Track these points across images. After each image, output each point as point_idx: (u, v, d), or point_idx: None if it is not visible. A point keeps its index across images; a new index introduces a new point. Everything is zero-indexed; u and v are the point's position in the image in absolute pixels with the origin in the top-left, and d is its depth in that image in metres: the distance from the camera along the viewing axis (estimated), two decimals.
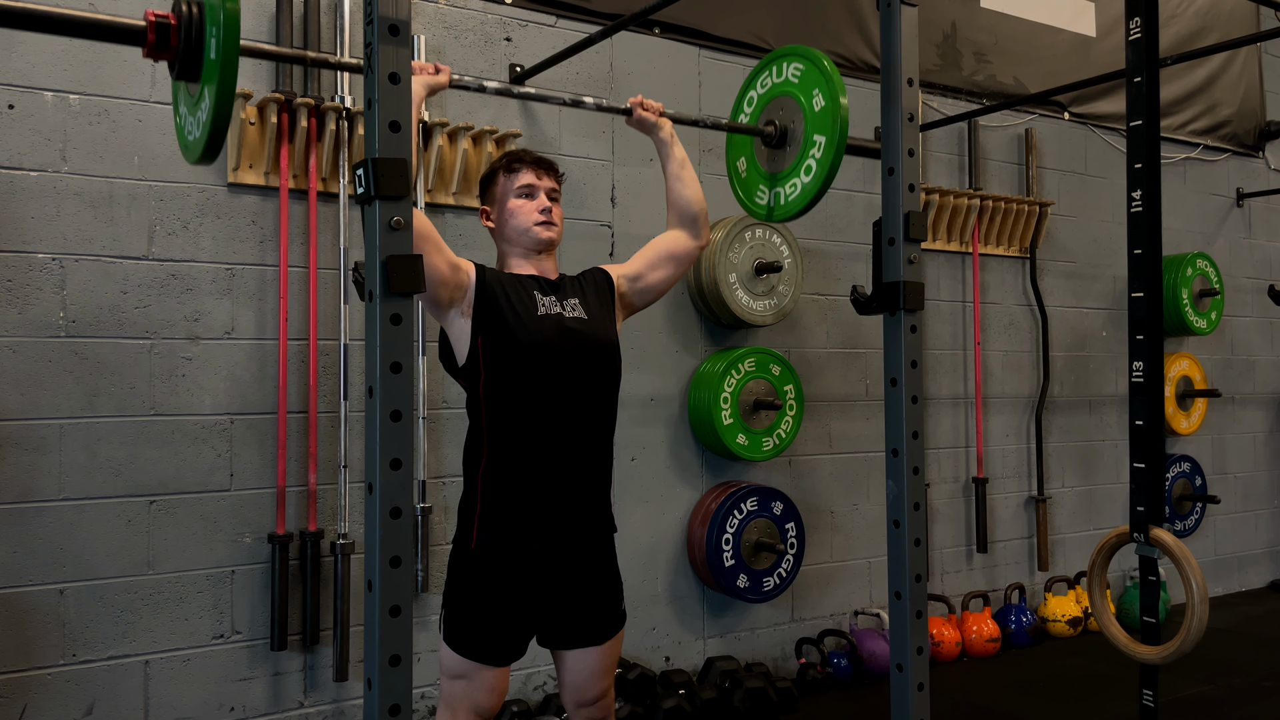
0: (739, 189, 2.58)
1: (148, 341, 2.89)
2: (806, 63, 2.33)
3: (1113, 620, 2.59)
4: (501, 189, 2.24)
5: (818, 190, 2.28)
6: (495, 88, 2.33)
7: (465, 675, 2.07)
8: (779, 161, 2.41)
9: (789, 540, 3.79)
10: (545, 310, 2.13)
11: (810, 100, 2.30)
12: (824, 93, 2.27)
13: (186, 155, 1.79)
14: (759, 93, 2.49)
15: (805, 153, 2.32)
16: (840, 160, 2.24)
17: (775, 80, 2.43)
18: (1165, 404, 4.28)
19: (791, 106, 2.36)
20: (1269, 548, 5.73)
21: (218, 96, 1.61)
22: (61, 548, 2.76)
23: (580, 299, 2.22)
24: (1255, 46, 5.67)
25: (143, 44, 1.64)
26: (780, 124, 2.40)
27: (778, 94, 2.42)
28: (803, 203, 2.33)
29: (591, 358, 2.16)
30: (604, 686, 2.21)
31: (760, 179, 2.47)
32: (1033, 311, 4.78)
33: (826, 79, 2.27)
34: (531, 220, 2.20)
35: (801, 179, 2.33)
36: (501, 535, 2.08)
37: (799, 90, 2.34)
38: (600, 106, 2.45)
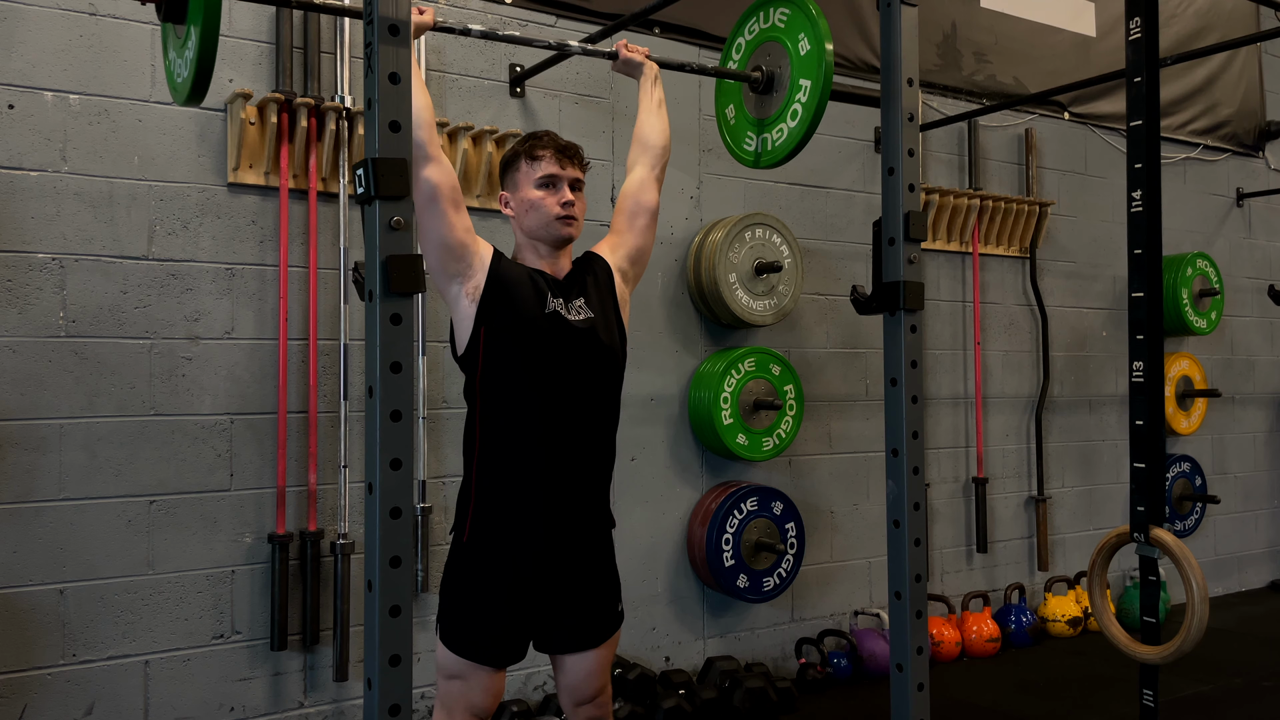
0: (727, 136, 2.59)
1: (148, 341, 2.89)
2: (793, 7, 2.33)
3: (1113, 620, 2.60)
4: (522, 176, 2.16)
5: (803, 135, 2.29)
6: (479, 30, 2.35)
7: (461, 675, 2.07)
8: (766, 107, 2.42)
9: (789, 540, 3.79)
10: (551, 309, 2.10)
11: (796, 45, 2.31)
12: (809, 36, 2.27)
13: (175, 96, 1.91)
14: (747, 39, 2.50)
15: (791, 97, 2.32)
16: (825, 104, 2.25)
17: (763, 26, 2.44)
18: (1165, 404, 4.28)
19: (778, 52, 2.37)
20: (1269, 548, 5.73)
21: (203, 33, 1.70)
22: (61, 548, 2.76)
23: (586, 299, 2.17)
24: (1255, 46, 5.67)
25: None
26: (767, 69, 2.41)
27: (765, 39, 2.43)
28: (789, 148, 2.34)
29: (593, 361, 2.13)
30: (601, 684, 2.21)
31: (748, 125, 2.48)
32: (1033, 311, 4.78)
33: (812, 23, 2.27)
34: (552, 214, 2.13)
35: (788, 124, 2.33)
36: (494, 530, 2.07)
37: (785, 35, 2.35)
38: (586, 51, 2.48)
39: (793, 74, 2.32)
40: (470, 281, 2.05)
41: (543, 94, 3.54)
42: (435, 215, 1.99)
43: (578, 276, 2.21)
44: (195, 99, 1.81)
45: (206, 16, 1.71)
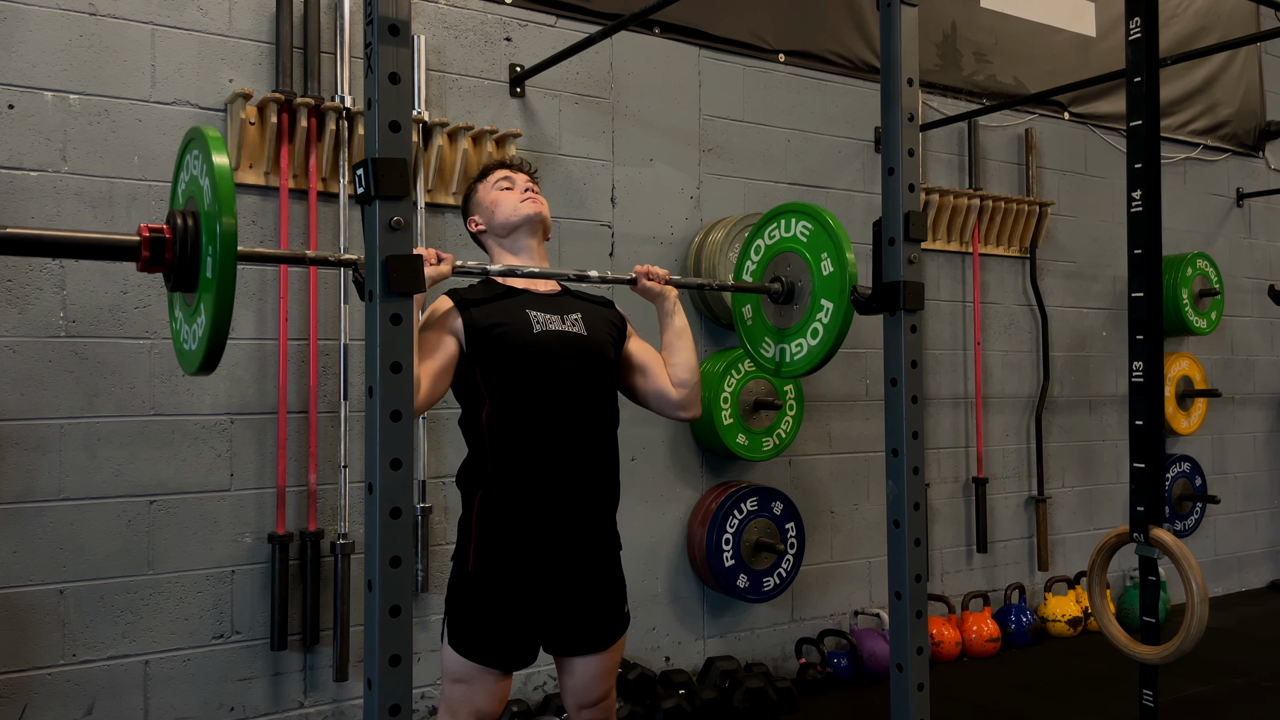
0: (745, 338, 2.50)
1: (148, 341, 2.89)
2: (815, 223, 2.26)
3: (1113, 620, 2.59)
4: (481, 193, 2.29)
5: (825, 354, 2.22)
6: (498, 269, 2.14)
7: (467, 680, 2.06)
8: (786, 317, 2.34)
9: (789, 540, 3.79)
10: (541, 328, 2.11)
11: (819, 263, 2.25)
12: (833, 258, 2.21)
13: (184, 365, 1.73)
14: (766, 243, 2.42)
15: (812, 315, 2.25)
16: (849, 326, 2.19)
17: (783, 235, 2.36)
18: (1165, 404, 4.28)
19: (799, 264, 2.30)
20: (1269, 548, 5.73)
21: (215, 313, 1.54)
22: (61, 548, 2.76)
23: (581, 315, 2.19)
24: (1255, 46, 5.67)
25: (136, 259, 1.59)
26: (787, 281, 2.33)
27: (785, 249, 2.35)
28: (810, 364, 2.27)
29: (590, 367, 2.14)
30: (606, 688, 2.21)
31: (766, 331, 2.40)
32: (1033, 311, 4.78)
33: (835, 244, 2.21)
34: (517, 199, 2.23)
35: (808, 341, 2.26)
36: (498, 560, 2.07)
37: (807, 250, 2.28)
38: (604, 279, 2.30)
39: (814, 292, 2.26)
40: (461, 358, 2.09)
41: (543, 94, 3.54)
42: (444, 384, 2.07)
43: (574, 298, 2.25)
44: (205, 371, 1.65)
45: (220, 294, 1.53)
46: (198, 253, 1.60)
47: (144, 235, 1.59)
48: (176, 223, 1.61)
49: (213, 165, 1.54)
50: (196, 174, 1.62)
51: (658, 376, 2.27)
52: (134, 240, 1.59)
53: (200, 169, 1.60)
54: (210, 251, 1.55)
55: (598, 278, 2.27)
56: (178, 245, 1.60)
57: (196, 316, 1.63)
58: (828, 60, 4.19)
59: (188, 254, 1.61)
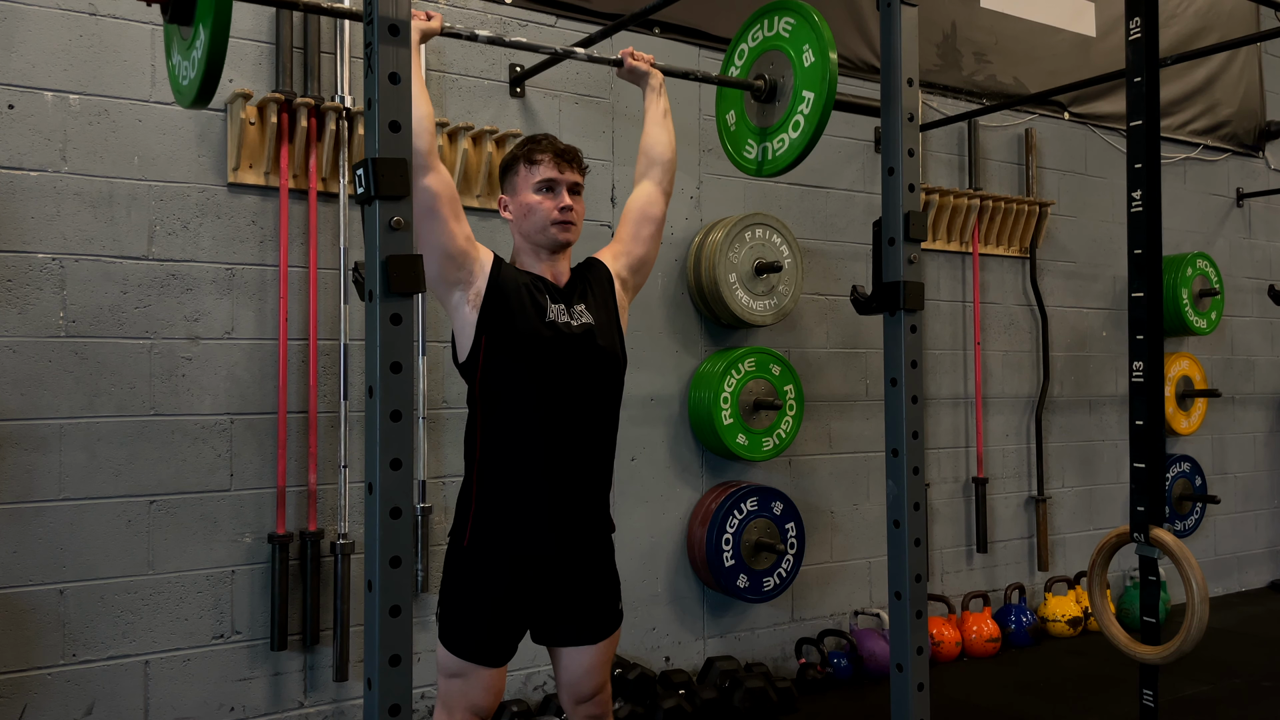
0: (728, 143, 2.57)
1: (148, 341, 2.89)
2: (798, 17, 2.31)
3: (1113, 620, 2.60)
4: (521, 180, 2.15)
5: (805, 146, 2.28)
6: (486, 36, 2.34)
7: (461, 674, 2.08)
8: (768, 116, 2.40)
9: (789, 540, 3.79)
10: (553, 317, 2.09)
11: (800, 55, 2.29)
12: (814, 48, 2.26)
13: (180, 99, 1.84)
14: (750, 45, 2.48)
15: (794, 108, 2.31)
16: (829, 116, 2.24)
17: (766, 34, 2.42)
18: (1165, 404, 4.28)
19: (782, 61, 2.35)
20: (1269, 548, 5.73)
21: (212, 33, 1.64)
22: (61, 548, 2.76)
23: (586, 304, 2.18)
24: (1255, 46, 5.67)
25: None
26: (770, 78, 2.39)
27: (768, 48, 2.40)
28: (790, 158, 2.33)
29: (593, 366, 2.14)
30: (600, 682, 2.21)
31: (749, 133, 2.47)
32: (1033, 311, 4.78)
33: (817, 34, 2.25)
34: (550, 218, 2.12)
35: (789, 135, 2.32)
36: (494, 535, 2.07)
37: (789, 45, 2.33)
38: (590, 58, 2.47)
39: (796, 85, 2.30)
40: (471, 288, 2.05)
41: (543, 94, 3.54)
42: (435, 224, 1.98)
43: (578, 282, 2.22)
44: (202, 101, 1.76)
45: (217, 15, 1.64)
46: None
47: None
48: None
49: None
50: None
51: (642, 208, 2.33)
52: None
53: None
54: None
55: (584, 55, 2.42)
56: None
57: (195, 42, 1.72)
58: None
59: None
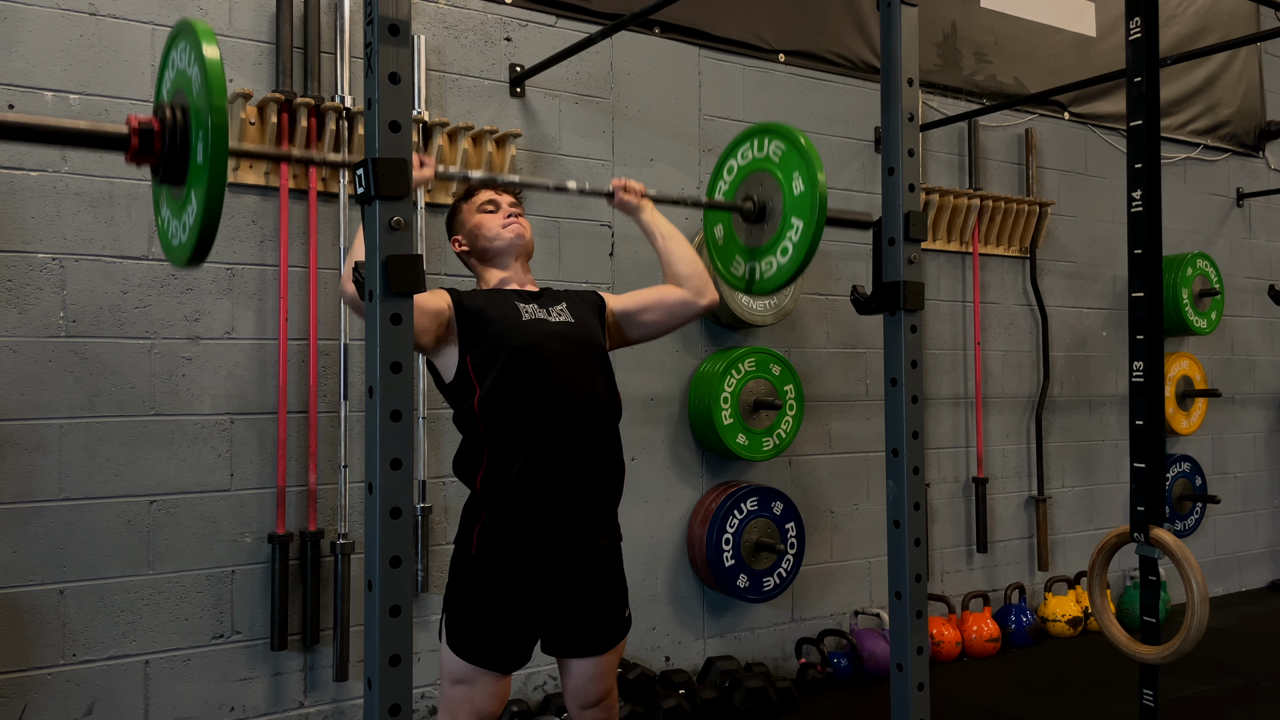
0: (716, 258, 2.52)
1: (148, 341, 2.89)
2: (788, 143, 2.28)
3: (1113, 620, 2.59)
4: (465, 214, 2.31)
5: (794, 271, 2.26)
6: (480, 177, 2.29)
7: (467, 680, 2.07)
8: (757, 236, 2.36)
9: (789, 540, 3.79)
10: (530, 316, 2.15)
11: (790, 182, 2.27)
12: (804, 177, 2.24)
13: (172, 259, 1.70)
14: (739, 163, 2.45)
15: (783, 234, 2.28)
16: (818, 243, 2.22)
17: (756, 154, 2.39)
18: (1165, 404, 4.28)
19: (771, 184, 2.32)
20: (1269, 548, 5.73)
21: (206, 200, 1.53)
22: (61, 548, 2.76)
23: (566, 305, 2.24)
24: (1255, 46, 5.67)
25: (125, 149, 1.58)
26: (759, 200, 2.36)
27: (757, 168, 2.38)
28: (779, 281, 2.30)
29: (580, 357, 2.16)
30: (607, 687, 2.21)
31: (737, 250, 2.43)
32: (1033, 311, 4.78)
33: (806, 163, 2.23)
34: (499, 223, 2.25)
35: (778, 259, 2.29)
36: (502, 542, 2.07)
37: (779, 169, 2.30)
38: (583, 190, 2.39)
39: (785, 211, 2.28)
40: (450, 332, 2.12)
41: (543, 94, 3.54)
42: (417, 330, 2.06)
43: (557, 291, 2.30)
44: (195, 263, 1.63)
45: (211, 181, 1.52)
46: (187, 143, 1.59)
47: (133, 126, 1.59)
48: (165, 115, 1.61)
49: (203, 55, 1.53)
50: (184, 66, 1.62)
51: (661, 297, 2.32)
52: (122, 131, 1.59)
53: (188, 60, 1.59)
54: (201, 138, 1.55)
55: (576, 189, 2.34)
56: (166, 135, 1.60)
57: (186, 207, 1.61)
58: (828, 60, 4.19)
59: (176, 145, 1.60)
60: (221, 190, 1.54)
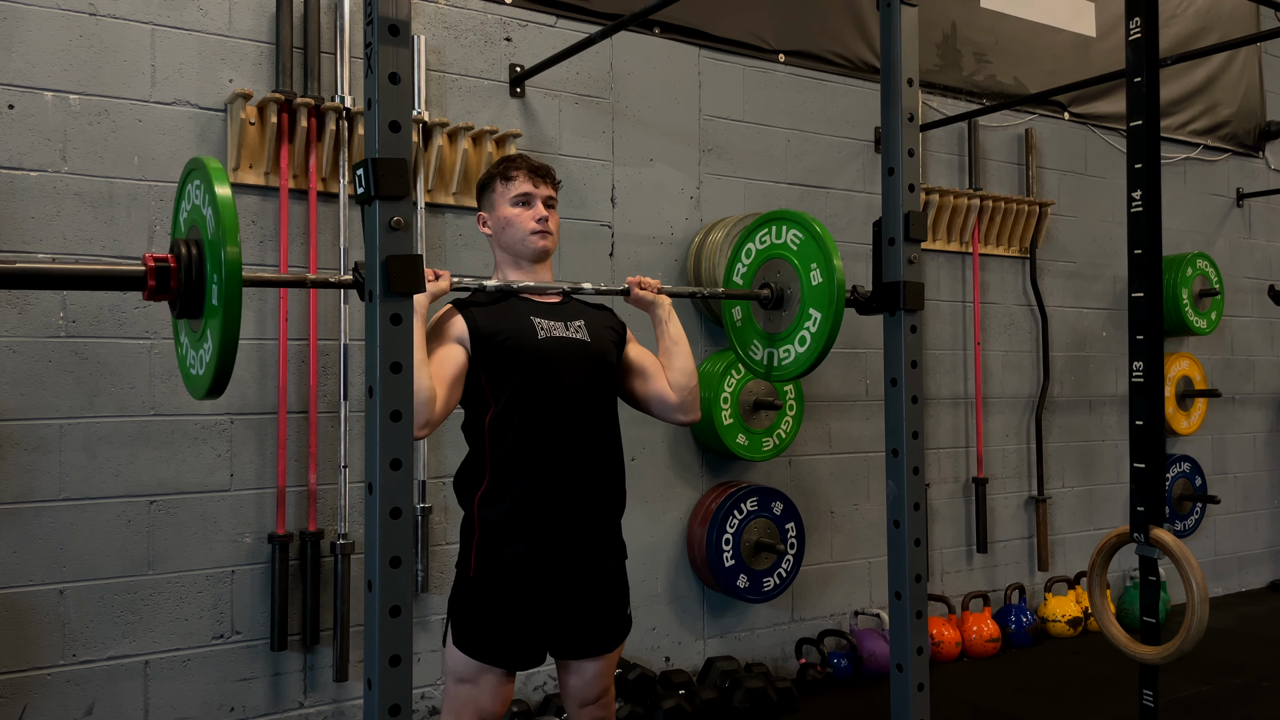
0: (735, 340, 2.51)
1: (148, 341, 2.89)
2: (805, 233, 2.27)
3: (1113, 620, 2.60)
4: (498, 195, 2.24)
5: (812, 362, 2.24)
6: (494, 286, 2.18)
7: (471, 679, 2.07)
8: (776, 322, 2.35)
9: (789, 540, 3.79)
10: (545, 334, 2.14)
11: (808, 272, 2.25)
12: (821, 269, 2.22)
13: (192, 390, 1.73)
14: (757, 247, 2.43)
15: (800, 323, 2.27)
16: (836, 334, 2.20)
17: (774, 241, 2.37)
18: (1165, 404, 4.28)
19: (788, 272, 2.31)
20: (1269, 548, 5.73)
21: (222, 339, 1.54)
22: (61, 548, 2.76)
23: (584, 321, 2.22)
24: (1255, 46, 5.67)
25: (142, 288, 1.60)
26: (776, 287, 2.34)
27: (775, 255, 2.36)
28: (797, 370, 2.29)
29: (592, 373, 2.16)
30: (605, 685, 2.23)
31: (756, 335, 2.41)
32: (1033, 311, 4.78)
33: (824, 254, 2.21)
34: (528, 229, 2.20)
35: (796, 348, 2.27)
36: (500, 562, 2.08)
37: (796, 258, 2.29)
38: (598, 291, 2.31)
39: (803, 301, 2.27)
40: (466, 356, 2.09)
41: (543, 94, 3.54)
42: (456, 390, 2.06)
43: (578, 306, 2.27)
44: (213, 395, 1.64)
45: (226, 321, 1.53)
46: (202, 280, 1.60)
47: (149, 265, 1.60)
48: (181, 251, 1.61)
49: (215, 195, 1.54)
50: (199, 203, 1.63)
51: (656, 380, 2.29)
52: (139, 270, 1.59)
53: (202, 198, 1.61)
54: (215, 280, 1.56)
55: (592, 290, 2.28)
56: (183, 274, 1.60)
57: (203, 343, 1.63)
58: (828, 60, 4.19)
59: (193, 281, 1.61)
60: (236, 331, 1.54)
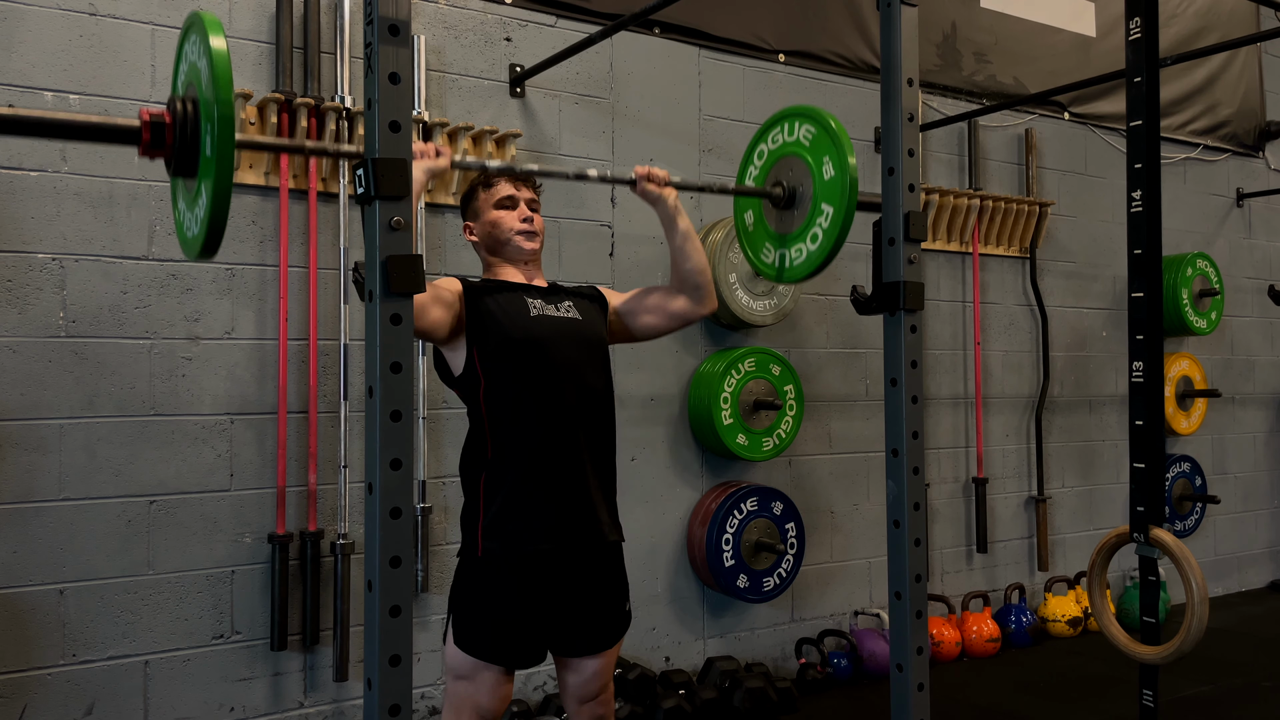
0: (746, 245, 2.50)
1: (148, 341, 2.89)
2: (818, 127, 2.25)
3: (1113, 620, 2.60)
4: (481, 203, 2.28)
5: (824, 259, 2.23)
6: (498, 166, 2.20)
7: (470, 676, 2.08)
8: (787, 223, 2.33)
9: (789, 540, 3.79)
10: (538, 312, 2.17)
11: (820, 167, 2.24)
12: (834, 161, 2.21)
13: (186, 251, 1.75)
14: (769, 148, 2.42)
15: (813, 220, 2.25)
16: (848, 230, 2.18)
17: (786, 139, 2.36)
18: (1165, 404, 4.28)
19: (801, 169, 2.29)
20: (1269, 548, 5.73)
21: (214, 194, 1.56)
22: (61, 548, 2.76)
23: (573, 302, 2.27)
24: (1255, 46, 5.67)
25: (137, 143, 1.61)
26: (789, 185, 2.33)
27: (788, 153, 2.34)
28: (809, 269, 2.27)
29: (586, 353, 2.19)
30: (605, 682, 2.24)
31: (767, 237, 2.40)
32: (1033, 311, 4.78)
33: (838, 147, 2.20)
34: (513, 230, 2.23)
35: (808, 246, 2.26)
36: (507, 538, 2.08)
37: (809, 153, 2.27)
38: (604, 178, 2.33)
39: (815, 196, 2.25)
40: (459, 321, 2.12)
41: (543, 94, 3.54)
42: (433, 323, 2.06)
43: (563, 288, 2.31)
44: (206, 255, 1.67)
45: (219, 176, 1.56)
46: (197, 135, 1.61)
47: (144, 119, 1.61)
48: (176, 108, 1.62)
49: (210, 48, 1.55)
50: (195, 59, 1.63)
51: (662, 303, 2.32)
52: (135, 125, 1.61)
53: (198, 53, 1.61)
54: (209, 131, 1.57)
55: (597, 176, 2.30)
56: (177, 129, 1.61)
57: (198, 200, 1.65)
58: (828, 60, 4.19)
59: (187, 137, 1.61)
60: (229, 182, 1.56)
